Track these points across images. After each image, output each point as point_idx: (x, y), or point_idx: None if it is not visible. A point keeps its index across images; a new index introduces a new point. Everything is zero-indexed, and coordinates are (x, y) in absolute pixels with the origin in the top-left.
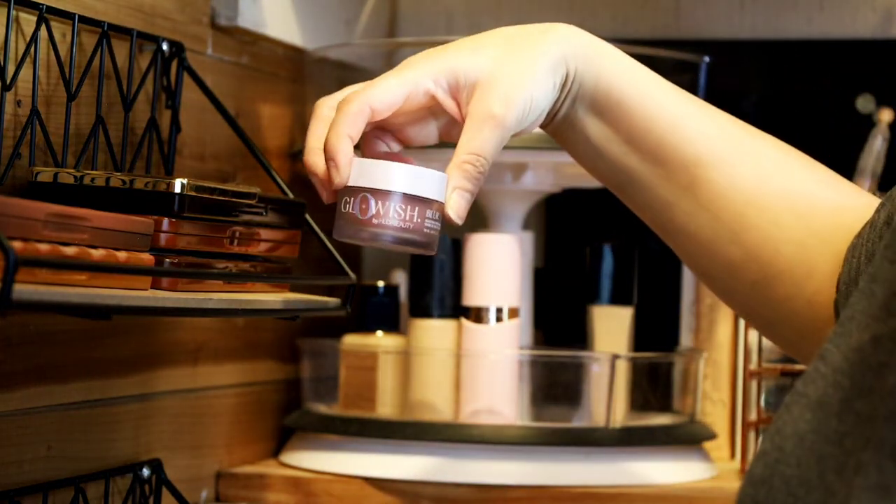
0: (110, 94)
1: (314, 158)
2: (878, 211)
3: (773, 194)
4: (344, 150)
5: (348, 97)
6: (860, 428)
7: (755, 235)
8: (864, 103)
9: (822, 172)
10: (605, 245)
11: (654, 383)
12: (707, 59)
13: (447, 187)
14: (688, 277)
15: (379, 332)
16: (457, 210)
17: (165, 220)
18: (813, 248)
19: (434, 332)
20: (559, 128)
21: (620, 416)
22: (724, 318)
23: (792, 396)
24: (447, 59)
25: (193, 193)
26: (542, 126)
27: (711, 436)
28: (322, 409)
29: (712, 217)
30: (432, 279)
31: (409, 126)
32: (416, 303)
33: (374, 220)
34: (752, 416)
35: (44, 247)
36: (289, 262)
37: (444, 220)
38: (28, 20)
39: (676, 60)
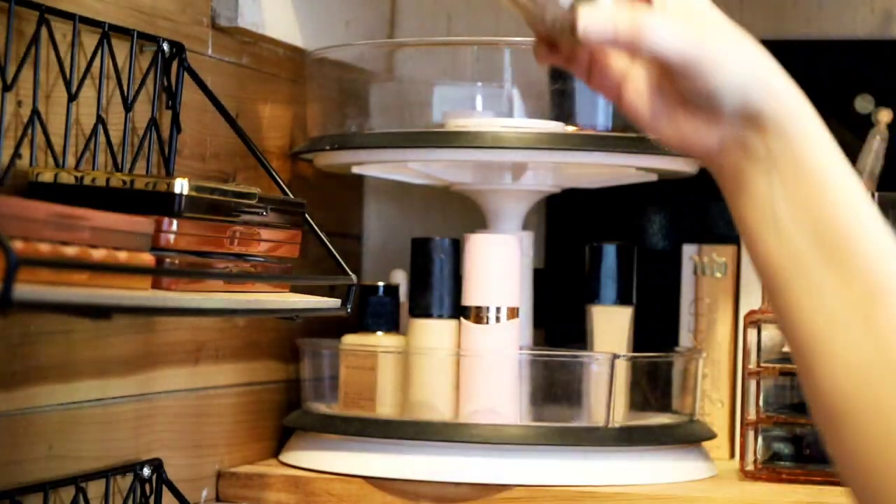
0: (111, 95)
1: None
2: None
3: None
4: None
5: None
6: None
7: None
8: (862, 104)
9: None
10: (605, 245)
11: (653, 383)
12: None
13: None
14: (687, 277)
15: (379, 332)
16: None
17: (166, 220)
18: None
19: (434, 332)
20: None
21: (620, 415)
22: (723, 318)
23: None
24: None
25: (194, 194)
26: None
27: (711, 435)
28: (322, 408)
29: None
30: (432, 279)
31: None
32: (416, 303)
33: None
34: (752, 416)
35: (44, 247)
36: (289, 262)
37: None
38: (29, 21)
39: None
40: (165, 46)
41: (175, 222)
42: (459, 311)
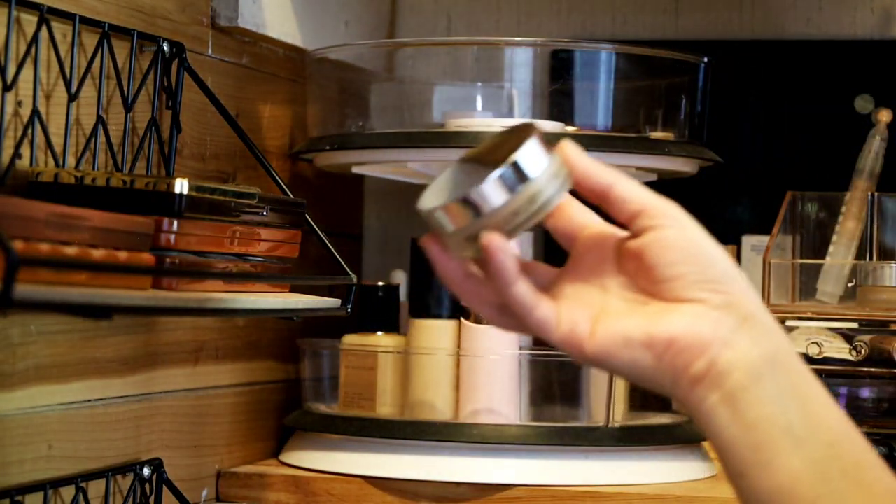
0: (111, 95)
1: None
2: None
3: None
4: None
5: None
6: None
7: None
8: (862, 104)
9: None
10: None
11: None
12: (706, 59)
13: None
14: None
15: (379, 332)
16: None
17: (166, 221)
18: None
19: (434, 332)
20: None
21: (620, 415)
22: None
23: None
24: None
25: (194, 194)
26: None
27: None
28: (322, 408)
29: None
30: (432, 279)
31: None
32: (416, 303)
33: None
34: None
35: (45, 247)
36: (289, 262)
37: None
38: (29, 20)
39: (676, 61)
40: (165, 46)
41: (175, 222)
42: (459, 311)
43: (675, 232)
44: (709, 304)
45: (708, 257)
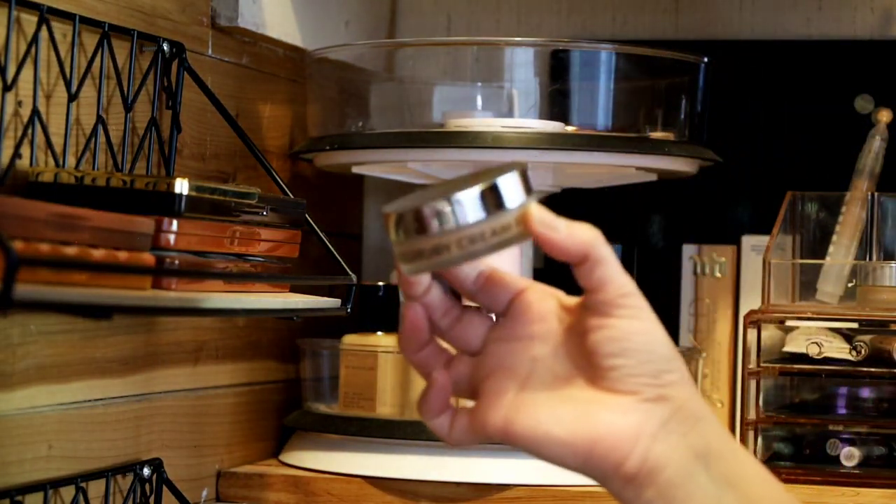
0: (111, 95)
1: None
2: None
3: None
4: None
5: None
6: None
7: None
8: (862, 104)
9: None
10: None
11: None
12: (706, 59)
13: None
14: (687, 277)
15: (379, 332)
16: None
17: (166, 220)
18: None
19: None
20: None
21: None
22: (723, 318)
23: None
24: None
25: (194, 194)
26: None
27: None
28: (322, 408)
29: None
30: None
31: None
32: None
33: None
34: (751, 416)
35: (45, 246)
36: (289, 262)
37: None
38: (29, 20)
39: (676, 61)
40: (165, 46)
41: (175, 222)
42: None
43: (625, 323)
44: (640, 396)
45: (647, 352)
